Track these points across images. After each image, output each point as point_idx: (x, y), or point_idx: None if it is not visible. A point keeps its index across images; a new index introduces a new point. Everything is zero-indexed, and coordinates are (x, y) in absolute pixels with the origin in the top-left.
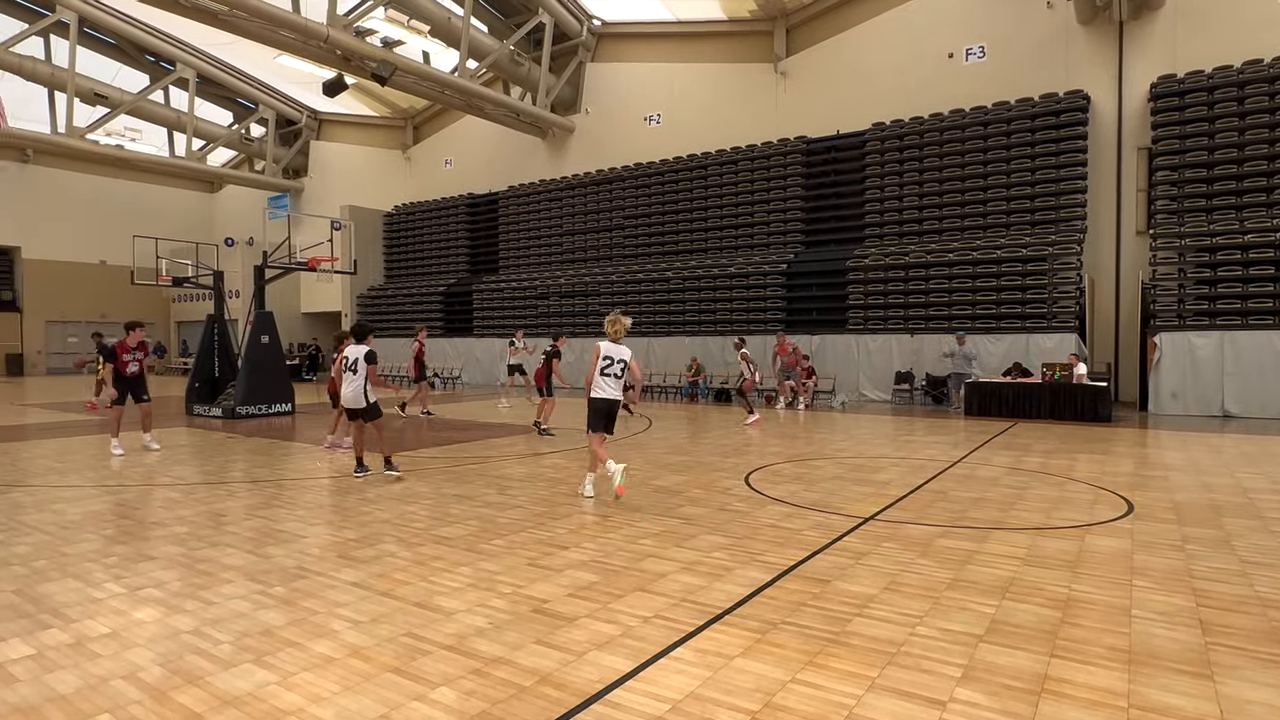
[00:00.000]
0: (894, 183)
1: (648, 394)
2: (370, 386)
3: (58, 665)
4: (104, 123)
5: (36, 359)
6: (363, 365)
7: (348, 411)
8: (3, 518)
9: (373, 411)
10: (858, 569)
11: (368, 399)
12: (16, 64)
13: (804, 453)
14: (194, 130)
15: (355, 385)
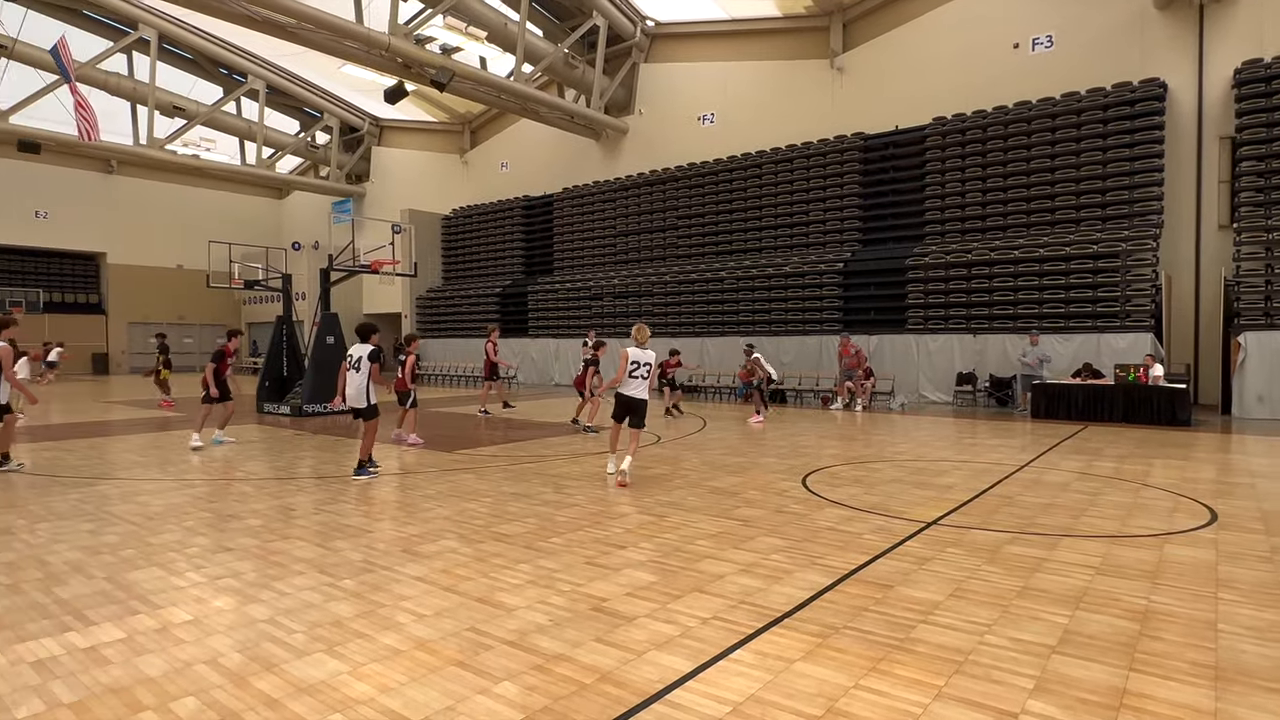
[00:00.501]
0: (955, 178)
1: (701, 395)
2: (373, 386)
3: (146, 649)
4: (181, 134)
5: (120, 359)
6: (365, 364)
7: (352, 411)
8: (93, 508)
9: (371, 412)
10: (921, 574)
11: (369, 398)
12: (102, 80)
13: (862, 455)
14: (264, 139)
15: (358, 384)
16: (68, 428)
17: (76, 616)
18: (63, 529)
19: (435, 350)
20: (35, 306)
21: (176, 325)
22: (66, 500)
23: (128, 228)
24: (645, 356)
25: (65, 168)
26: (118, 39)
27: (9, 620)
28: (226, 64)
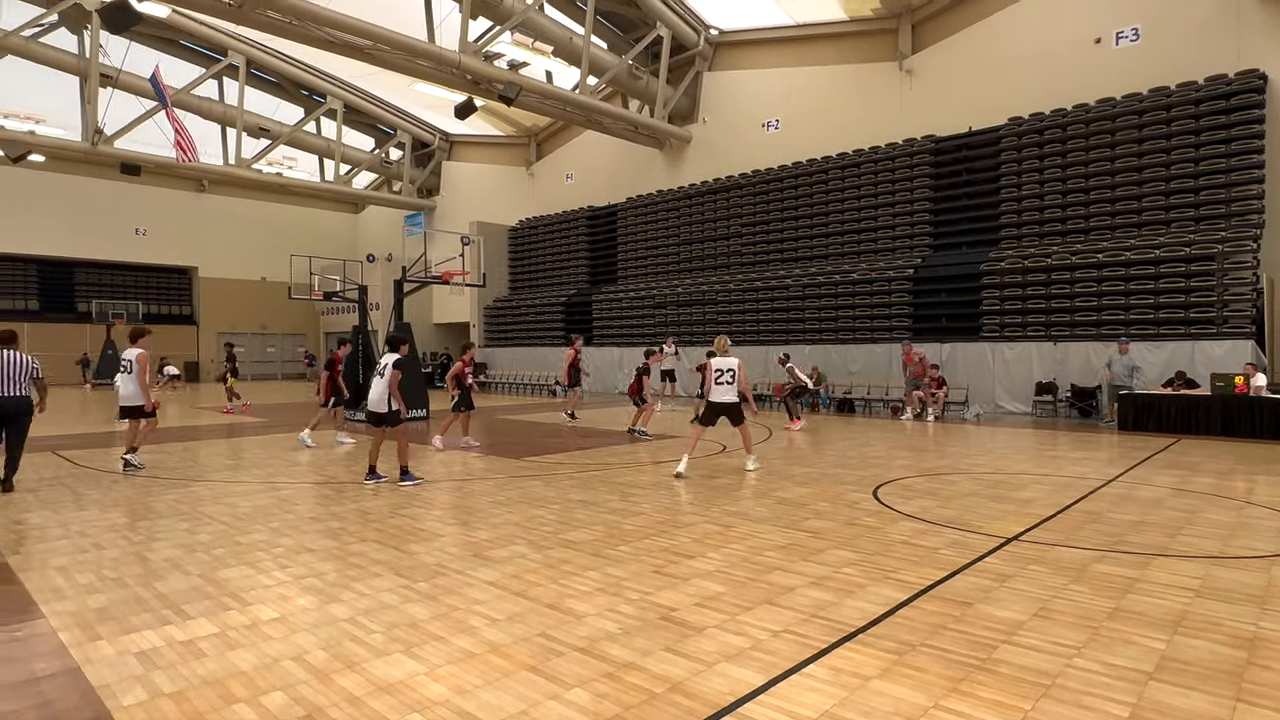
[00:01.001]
0: (1033, 180)
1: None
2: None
3: (237, 644)
4: (266, 153)
5: (209, 367)
6: (389, 371)
7: (370, 416)
8: (188, 508)
9: (392, 418)
10: (1002, 592)
11: (390, 405)
12: (196, 105)
13: (936, 466)
14: (341, 156)
15: (380, 390)
16: (163, 432)
17: (175, 611)
18: (161, 527)
19: (502, 359)
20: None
21: (260, 335)
22: (164, 500)
23: (217, 243)
24: (728, 363)
25: (162, 188)
26: (209, 66)
27: (116, 613)
28: (307, 86)
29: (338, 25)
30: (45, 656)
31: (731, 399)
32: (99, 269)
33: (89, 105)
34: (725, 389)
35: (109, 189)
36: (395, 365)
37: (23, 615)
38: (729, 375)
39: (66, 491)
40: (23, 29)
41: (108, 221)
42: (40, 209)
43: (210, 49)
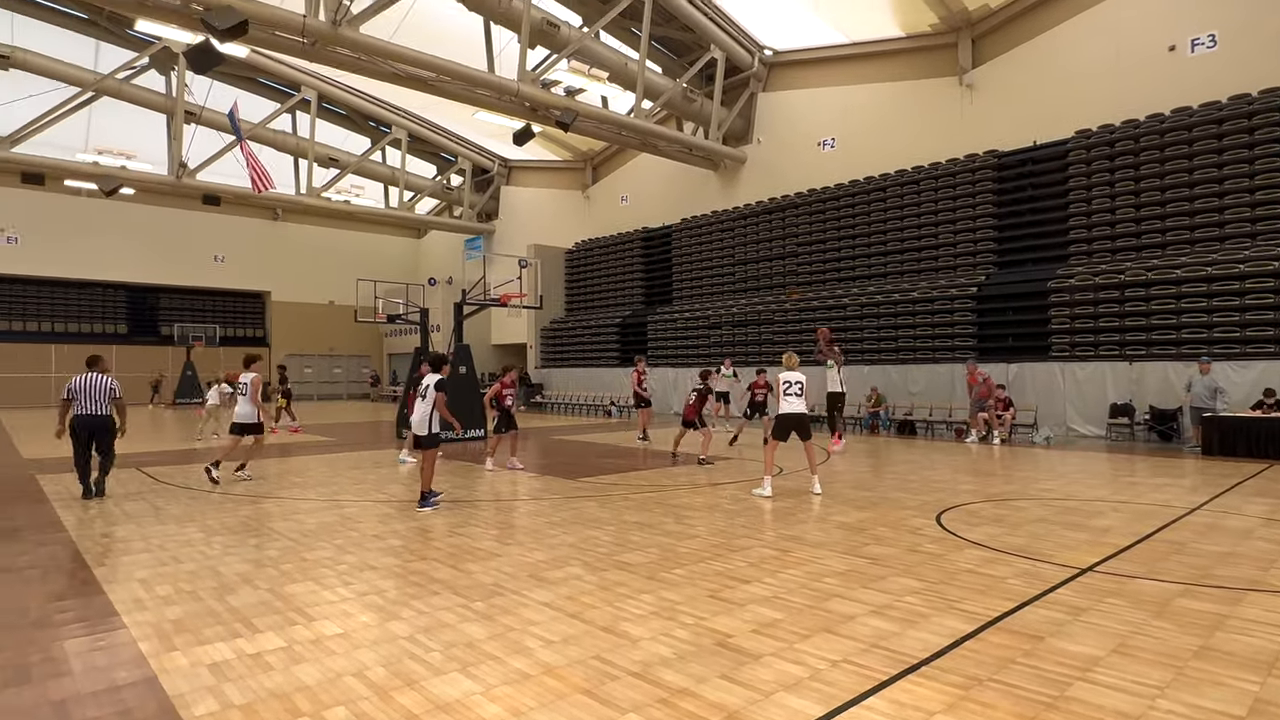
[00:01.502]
0: (1104, 194)
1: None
2: (436, 416)
3: (302, 658)
4: (335, 182)
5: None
6: (432, 393)
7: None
8: (258, 524)
9: (430, 440)
10: (1076, 626)
11: (430, 427)
12: (270, 138)
13: (1003, 491)
14: (404, 183)
15: (422, 412)
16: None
17: (244, 624)
18: (233, 543)
19: (558, 379)
20: (213, 340)
21: (327, 357)
22: (237, 516)
23: (289, 268)
24: (797, 376)
25: (239, 216)
26: (284, 101)
27: (191, 625)
28: (374, 117)
29: (403, 59)
30: (126, 665)
31: (802, 410)
32: (181, 294)
33: (175, 141)
34: (795, 400)
35: (191, 218)
36: (438, 387)
37: (107, 625)
38: (798, 387)
39: (148, 506)
40: (118, 72)
41: (189, 249)
42: (129, 238)
43: (285, 85)
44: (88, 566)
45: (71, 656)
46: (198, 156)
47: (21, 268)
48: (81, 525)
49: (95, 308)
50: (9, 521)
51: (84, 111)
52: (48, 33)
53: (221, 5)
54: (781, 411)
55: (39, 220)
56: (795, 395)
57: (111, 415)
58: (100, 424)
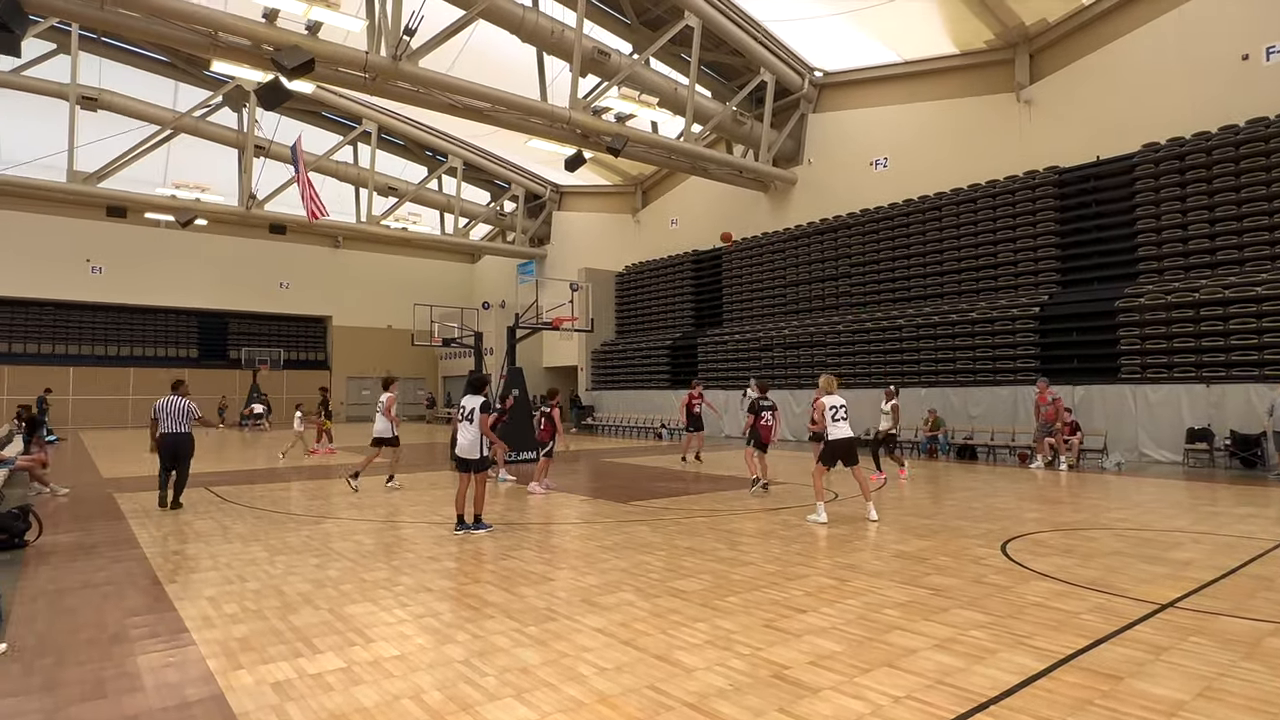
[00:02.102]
0: (1174, 209)
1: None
2: (485, 439)
3: (361, 679)
4: (393, 210)
5: (338, 409)
6: (478, 415)
7: (458, 462)
8: (319, 544)
9: (482, 464)
10: (1158, 667)
11: (481, 450)
12: (333, 169)
13: (1072, 521)
14: (460, 210)
15: (471, 436)
16: (298, 470)
17: (306, 644)
18: (295, 562)
19: (609, 401)
20: (277, 364)
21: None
22: (299, 536)
23: (349, 294)
24: (840, 400)
25: (303, 244)
26: (346, 133)
27: (255, 643)
28: (431, 146)
29: (460, 90)
30: (195, 683)
31: (850, 434)
32: (248, 319)
33: (245, 174)
34: (843, 425)
35: (258, 247)
36: (483, 409)
37: (178, 641)
38: (844, 410)
39: (216, 525)
40: (194, 110)
41: (256, 276)
42: (201, 267)
43: (347, 118)
44: (160, 583)
45: (144, 672)
46: (266, 188)
47: (105, 296)
48: (154, 543)
49: (169, 333)
50: (89, 537)
51: (163, 148)
52: (132, 75)
53: (290, 45)
54: (832, 437)
55: (120, 251)
56: (843, 419)
57: (190, 434)
58: (179, 441)
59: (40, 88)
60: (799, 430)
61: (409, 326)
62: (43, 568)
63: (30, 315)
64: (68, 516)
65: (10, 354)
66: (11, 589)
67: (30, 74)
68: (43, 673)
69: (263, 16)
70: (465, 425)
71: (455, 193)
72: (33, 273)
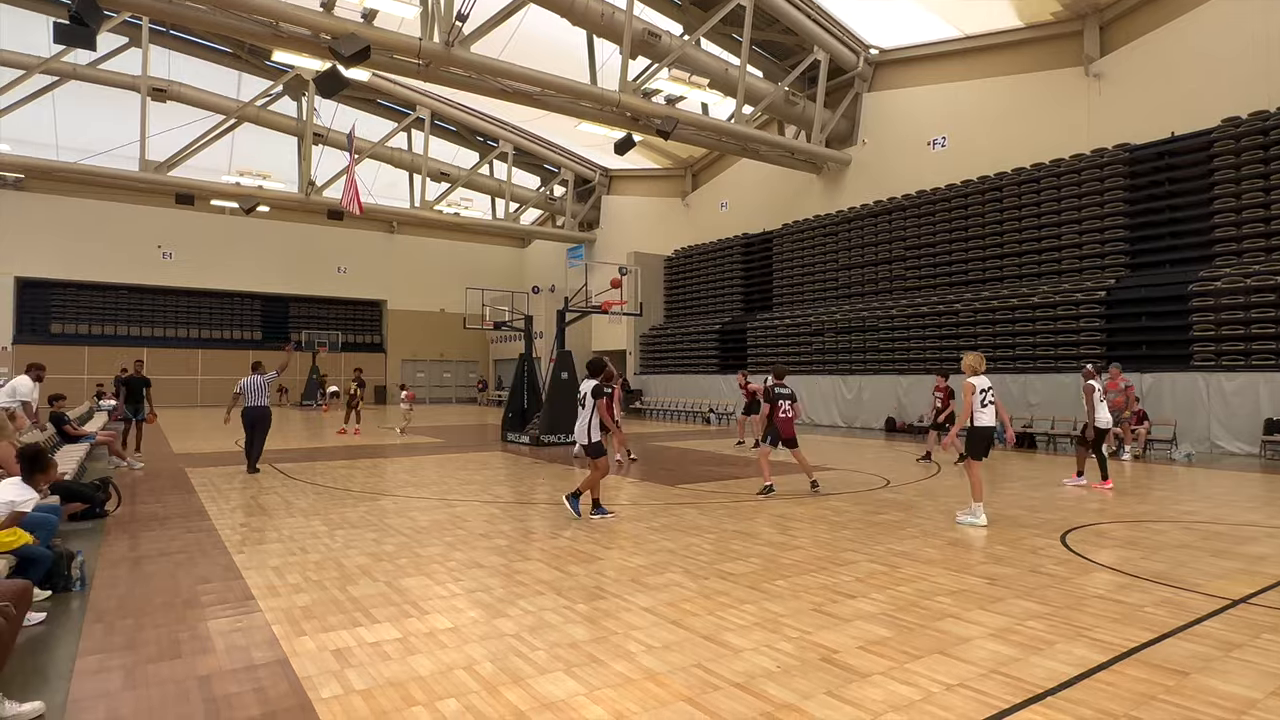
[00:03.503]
0: (1256, 187)
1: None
2: (597, 424)
3: (416, 649)
4: (446, 195)
5: (395, 391)
6: (591, 400)
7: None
8: (375, 519)
9: (594, 450)
10: (1228, 663)
11: (591, 436)
12: (388, 155)
13: (1137, 512)
14: (510, 195)
15: (583, 421)
16: (354, 449)
17: (364, 614)
18: (354, 536)
19: (657, 385)
20: (335, 347)
21: (437, 362)
22: (357, 511)
23: (403, 278)
24: (988, 382)
25: (359, 230)
26: (400, 120)
27: (317, 611)
28: (482, 132)
29: (511, 75)
30: (261, 647)
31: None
32: (308, 303)
33: (304, 161)
34: (992, 411)
35: (317, 233)
36: (595, 393)
37: (245, 608)
38: (993, 394)
39: (280, 500)
40: (256, 100)
41: (315, 261)
42: (264, 252)
43: (401, 105)
44: (228, 553)
45: (215, 635)
46: (324, 175)
47: (175, 280)
48: (223, 515)
49: (234, 316)
50: (163, 509)
51: (227, 137)
52: (198, 67)
53: (346, 33)
54: (980, 424)
55: (189, 238)
56: (992, 403)
57: (268, 407)
58: (259, 414)
59: (114, 80)
60: (850, 417)
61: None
62: (122, 536)
63: (107, 299)
64: (144, 489)
65: (90, 335)
66: (94, 555)
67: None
68: (124, 633)
69: (320, 5)
70: (580, 410)
71: (506, 177)
72: (109, 259)
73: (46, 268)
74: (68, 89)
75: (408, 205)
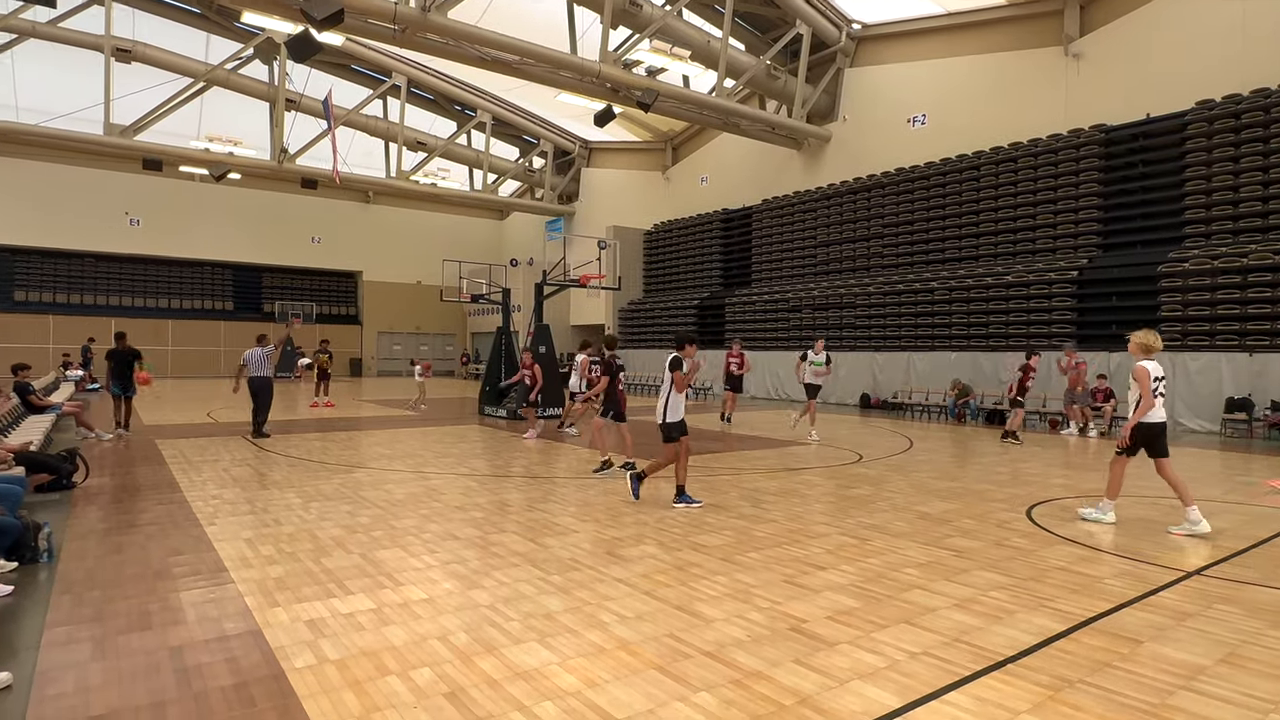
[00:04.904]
0: (1227, 169)
1: (908, 413)
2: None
3: (391, 620)
4: (422, 165)
5: (370, 363)
6: (668, 374)
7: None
8: (350, 492)
9: (665, 431)
10: (1181, 632)
11: (665, 415)
12: (363, 123)
13: (1100, 488)
14: (489, 166)
15: (660, 398)
16: (330, 421)
17: (338, 585)
18: (328, 509)
19: (635, 360)
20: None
21: (414, 334)
22: (331, 484)
23: (379, 249)
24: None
25: (334, 199)
26: (375, 87)
27: (291, 583)
28: (460, 101)
29: (489, 43)
30: (233, 618)
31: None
32: (281, 273)
33: (276, 127)
34: (1162, 403)
35: (290, 201)
36: (671, 366)
37: (218, 580)
38: (1164, 384)
39: (252, 472)
40: (226, 63)
41: (289, 231)
42: (235, 221)
43: (376, 71)
44: (200, 525)
45: (187, 607)
46: (297, 142)
47: (143, 248)
48: (194, 487)
49: (206, 286)
50: (133, 481)
51: (196, 101)
52: (164, 27)
53: None
54: (1150, 419)
55: (157, 204)
56: (1162, 395)
57: (268, 377)
58: (261, 384)
59: (76, 39)
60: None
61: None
62: (90, 508)
63: (73, 267)
64: (113, 461)
65: (55, 304)
66: (62, 527)
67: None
68: (92, 604)
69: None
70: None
71: (484, 148)
72: (74, 225)
73: (8, 234)
74: (27, 47)
75: (383, 175)
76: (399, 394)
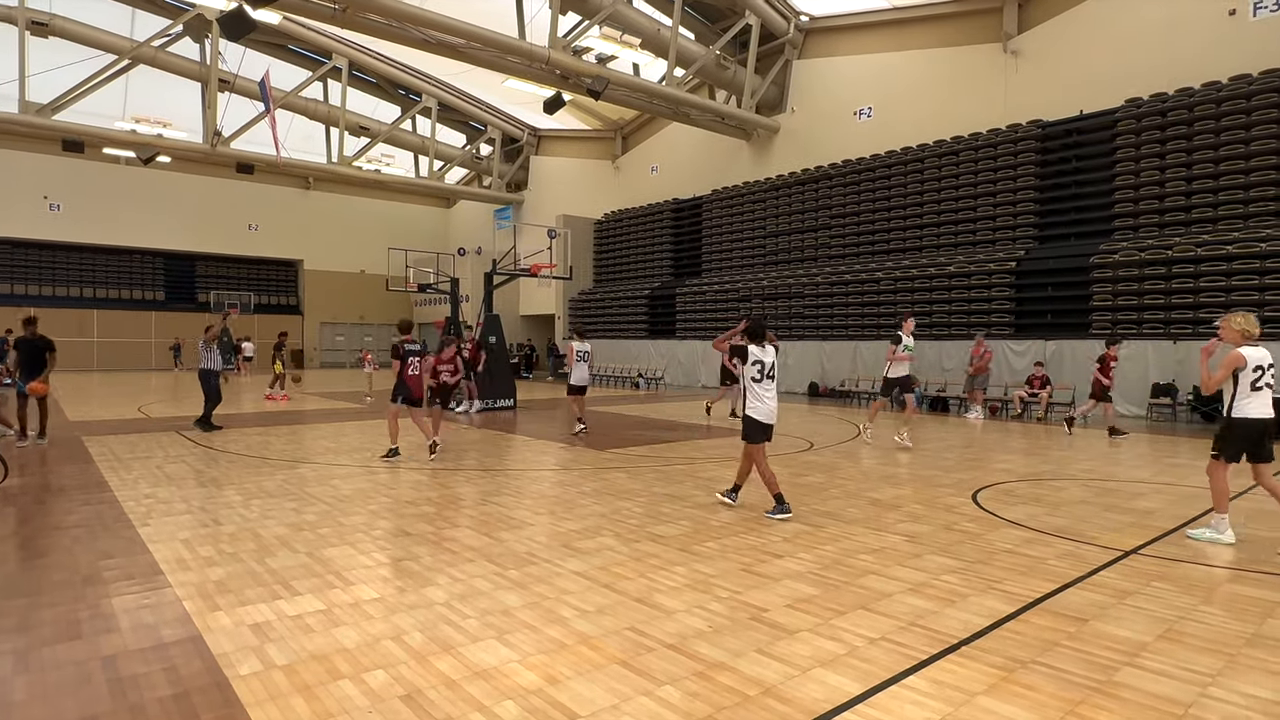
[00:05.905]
0: (1153, 165)
1: (855, 400)
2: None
3: (341, 621)
4: (365, 151)
5: (313, 354)
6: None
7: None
8: (295, 489)
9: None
10: (1122, 610)
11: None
12: (302, 106)
13: (1040, 471)
14: (434, 153)
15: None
16: (272, 415)
17: (285, 586)
18: (271, 506)
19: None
20: (247, 308)
21: (358, 325)
22: (274, 480)
23: (321, 237)
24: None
25: (272, 185)
26: (315, 69)
27: (233, 585)
28: (404, 85)
29: (433, 25)
30: (171, 624)
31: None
32: (217, 262)
33: (209, 109)
34: (1266, 395)
35: (225, 187)
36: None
37: (153, 584)
38: (1272, 374)
39: (188, 469)
40: (153, 39)
41: (224, 218)
42: (166, 207)
43: (316, 53)
44: (133, 526)
45: (120, 613)
46: (231, 125)
47: (65, 235)
48: (125, 486)
49: (134, 274)
50: (57, 480)
51: (121, 80)
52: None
53: None
54: (1250, 415)
55: (79, 188)
56: (1268, 386)
57: (208, 369)
58: (199, 375)
59: None
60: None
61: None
62: (9, 510)
63: None
64: (35, 459)
65: None
66: None
67: None
68: (15, 614)
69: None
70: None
71: (430, 134)
72: None
73: None
74: None
75: (324, 160)
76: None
